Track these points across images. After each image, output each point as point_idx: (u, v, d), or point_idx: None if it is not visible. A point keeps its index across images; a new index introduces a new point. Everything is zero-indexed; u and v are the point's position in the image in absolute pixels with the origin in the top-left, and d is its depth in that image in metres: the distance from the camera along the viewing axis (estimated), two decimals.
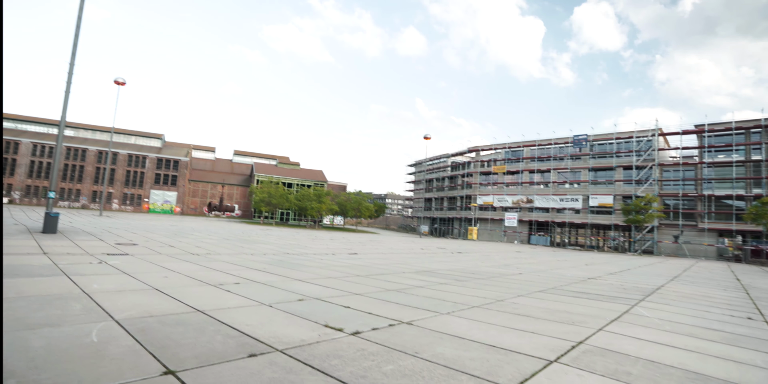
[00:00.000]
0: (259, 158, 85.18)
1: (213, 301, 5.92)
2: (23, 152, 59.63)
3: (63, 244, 12.34)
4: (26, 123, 65.09)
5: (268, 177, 68.50)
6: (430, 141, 63.44)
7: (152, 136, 72.05)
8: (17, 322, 4.19)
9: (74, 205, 61.05)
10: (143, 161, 66.14)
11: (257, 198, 55.53)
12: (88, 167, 62.54)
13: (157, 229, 24.55)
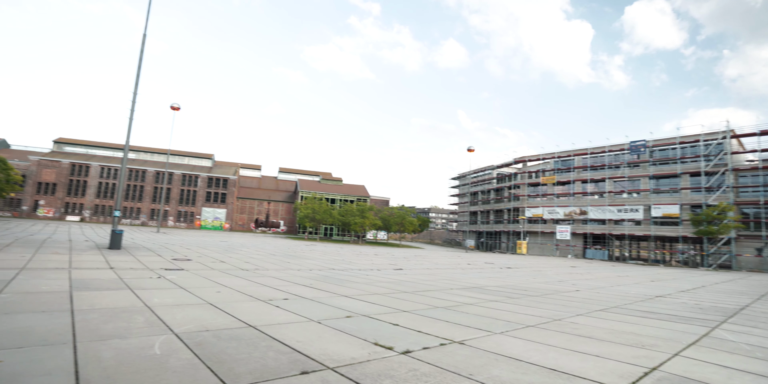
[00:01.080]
0: (303, 175, 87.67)
1: (264, 317, 6.01)
2: (93, 175, 65.07)
3: (126, 259, 13.15)
4: (95, 148, 71.20)
5: (311, 193, 70.20)
6: (474, 153, 62.33)
7: (203, 156, 76.37)
8: (91, 333, 4.44)
9: (135, 222, 65.48)
10: (195, 180, 70.07)
11: (302, 214, 56.87)
12: (147, 187, 67.13)
13: (209, 245, 25.67)
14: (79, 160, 65.21)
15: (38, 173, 62.84)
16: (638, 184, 49.08)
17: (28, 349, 3.81)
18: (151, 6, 16.71)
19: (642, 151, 48.51)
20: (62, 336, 4.31)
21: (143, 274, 9.85)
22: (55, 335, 4.33)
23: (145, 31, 16.49)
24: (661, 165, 47.49)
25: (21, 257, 11.49)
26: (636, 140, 48.91)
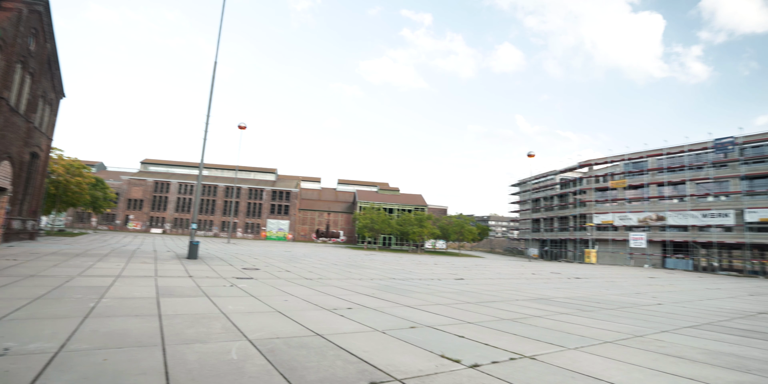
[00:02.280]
0: (361, 186, 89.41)
1: (330, 326, 6.15)
2: (172, 191, 71.24)
3: (202, 268, 14.15)
4: (175, 167, 78.05)
5: (369, 203, 71.27)
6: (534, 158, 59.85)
7: (267, 171, 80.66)
8: (176, 337, 4.82)
9: (208, 234, 70.43)
10: (261, 194, 74.09)
11: (360, 224, 57.84)
12: (218, 201, 72.13)
13: (274, 254, 26.88)
14: (161, 179, 71.78)
15: (128, 191, 69.97)
16: (726, 186, 44.04)
17: (127, 350, 4.22)
18: (221, 36, 18.17)
19: (730, 149, 43.58)
20: (153, 339, 4.71)
21: (217, 283, 10.52)
22: (147, 337, 4.74)
23: (215, 59, 17.97)
24: (755, 164, 42.23)
25: (116, 266, 12.80)
26: (722, 137, 44.09)
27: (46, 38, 22.29)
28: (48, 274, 9.89)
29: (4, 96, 17.95)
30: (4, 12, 17.14)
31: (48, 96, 24.60)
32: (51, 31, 22.53)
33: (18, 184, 21.29)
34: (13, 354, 3.87)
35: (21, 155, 21.12)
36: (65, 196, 36.29)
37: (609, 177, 56.44)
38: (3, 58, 17.81)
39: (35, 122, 22.55)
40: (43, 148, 24.96)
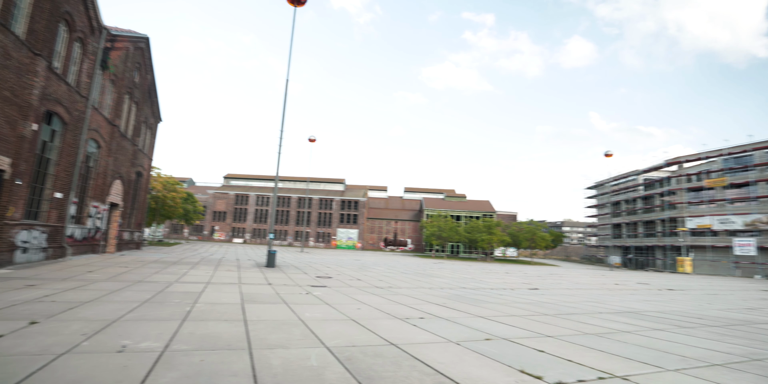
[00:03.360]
0: (427, 193, 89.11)
1: (403, 335, 6.18)
2: (251, 203, 76.53)
3: (280, 276, 14.97)
4: (253, 180, 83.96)
5: (436, 211, 70.68)
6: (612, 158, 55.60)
7: (336, 181, 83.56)
8: (261, 342, 5.16)
9: (283, 243, 74.40)
10: (330, 204, 76.83)
11: (428, 232, 57.51)
12: (291, 212, 76.06)
13: (345, 263, 27.63)
14: (241, 192, 77.45)
15: (214, 204, 76.39)
16: None
17: (219, 352, 4.60)
18: (291, 56, 19.39)
19: None
20: (240, 343, 5.09)
21: (294, 290, 11.06)
22: (236, 341, 5.13)
23: (287, 77, 19.24)
24: None
25: (206, 273, 14.01)
26: None
27: (147, 70, 25.36)
28: (152, 280, 11.10)
29: (117, 124, 20.67)
30: (116, 51, 19.84)
31: (149, 121, 27.88)
32: (151, 64, 25.60)
33: (127, 200, 24.27)
34: (128, 351, 4.41)
35: (129, 175, 24.09)
36: (163, 209, 40.59)
37: (704, 175, 50.52)
38: (115, 90, 20.57)
39: (139, 145, 25.64)
40: (146, 168, 28.24)
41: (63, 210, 15.87)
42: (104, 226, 20.98)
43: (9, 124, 11.75)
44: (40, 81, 12.92)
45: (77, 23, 15.70)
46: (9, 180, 11.86)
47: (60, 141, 15.51)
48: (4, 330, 4.97)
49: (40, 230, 14.22)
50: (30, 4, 12.47)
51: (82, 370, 3.76)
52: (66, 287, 8.85)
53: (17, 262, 12.81)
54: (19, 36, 11.86)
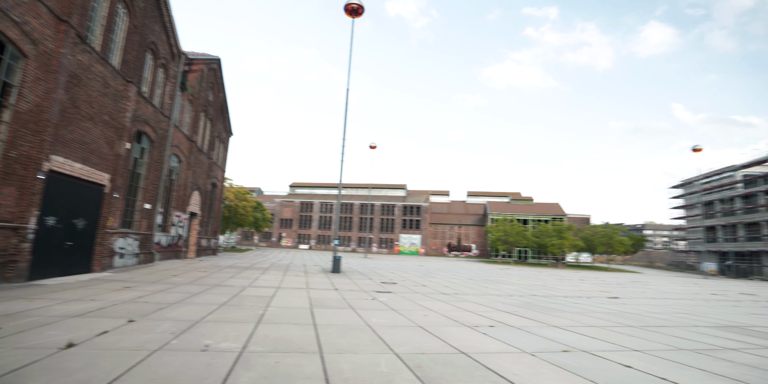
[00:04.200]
0: (491, 197, 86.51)
1: (473, 344, 5.96)
2: (315, 210, 79.37)
3: (345, 282, 15.25)
4: (317, 188, 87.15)
5: (501, 215, 68.32)
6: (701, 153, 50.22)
7: (397, 187, 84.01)
8: (331, 346, 5.24)
9: (347, 249, 76.08)
10: (392, 209, 77.33)
11: (493, 237, 55.68)
12: (354, 218, 77.65)
13: (408, 269, 27.53)
14: (306, 200, 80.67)
15: (280, 212, 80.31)
16: None
17: (292, 355, 4.73)
18: (351, 66, 19.91)
19: None
20: (312, 346, 5.20)
21: (360, 296, 11.19)
22: (307, 345, 5.26)
23: (347, 86, 19.75)
24: None
25: (276, 278, 14.67)
26: None
27: (219, 89, 27.45)
28: (228, 284, 11.83)
29: (194, 140, 22.55)
30: (192, 73, 21.72)
31: (221, 136, 30.08)
32: (222, 82, 27.68)
33: (204, 209, 26.29)
34: (211, 350, 4.69)
35: (205, 186, 26.10)
36: (235, 218, 43.40)
37: None
38: (192, 109, 22.48)
39: (214, 158, 27.72)
40: (219, 179, 30.44)
41: (151, 219, 17.54)
42: (185, 234, 22.85)
43: (108, 144, 13.26)
44: (132, 105, 14.46)
45: (161, 51, 17.41)
46: (108, 194, 13.35)
47: (148, 157, 17.21)
48: (109, 326, 5.53)
49: (133, 238, 15.82)
50: (123, 38, 14.04)
51: (173, 366, 4.05)
52: (155, 289, 9.70)
53: (115, 266, 14.33)
54: (115, 66, 13.39)
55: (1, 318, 5.73)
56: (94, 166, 12.50)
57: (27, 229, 9.52)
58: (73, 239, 11.72)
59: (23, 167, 9.51)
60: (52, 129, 10.17)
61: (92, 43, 12.20)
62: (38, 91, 9.80)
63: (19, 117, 9.26)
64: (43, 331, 5.11)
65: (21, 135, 9.37)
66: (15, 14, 8.83)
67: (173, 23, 17.88)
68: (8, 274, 9.11)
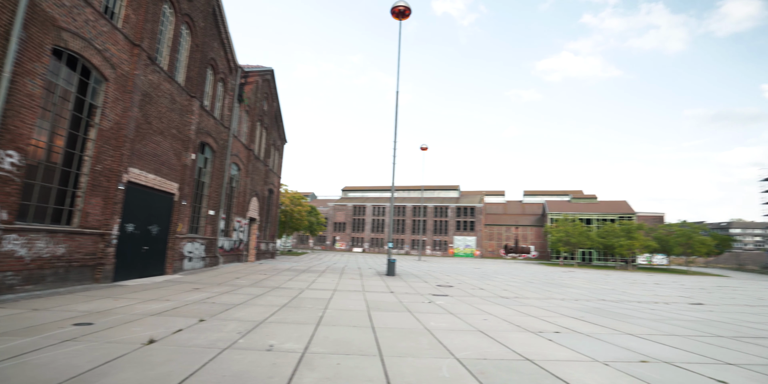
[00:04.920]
0: (550, 196, 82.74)
1: (538, 350, 5.65)
2: (368, 213, 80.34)
3: (401, 284, 15.21)
4: (369, 191, 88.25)
5: (562, 214, 65.05)
6: None
7: (450, 188, 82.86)
8: (390, 349, 5.20)
9: (400, 252, 76.14)
10: (445, 211, 76.35)
11: (553, 238, 53.11)
12: (407, 220, 77.60)
13: (464, 271, 26.95)
14: (358, 203, 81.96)
15: (334, 215, 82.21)
16: None
17: (352, 357, 4.75)
18: (400, 68, 19.97)
19: None
20: (371, 349, 5.19)
21: (416, 299, 11.08)
22: (367, 347, 5.26)
23: (397, 88, 19.81)
24: None
25: (332, 281, 14.96)
26: None
27: (273, 98, 28.70)
28: (287, 287, 12.23)
29: (252, 148, 23.72)
30: (248, 85, 22.90)
31: (276, 143, 31.39)
32: (275, 92, 28.92)
33: (262, 214, 27.51)
34: (275, 350, 4.83)
35: (263, 192, 27.32)
36: (291, 222, 45.03)
37: None
38: (249, 119, 23.68)
39: (270, 165, 28.97)
40: (276, 185, 31.73)
41: (215, 225, 18.62)
42: (246, 238, 24.02)
43: (176, 155, 14.28)
44: (196, 118, 15.48)
45: (219, 66, 18.52)
46: (177, 201, 14.35)
47: (211, 166, 18.32)
48: (183, 325, 5.90)
49: (199, 242, 16.87)
50: (186, 57, 15.10)
51: (241, 364, 4.22)
52: (221, 291, 10.24)
53: (185, 269, 15.35)
54: (180, 83, 14.42)
55: (93, 315, 6.31)
56: (164, 176, 13.50)
57: (111, 235, 10.46)
58: (149, 244, 12.71)
59: (107, 179, 10.48)
60: (129, 144, 11.12)
61: (160, 63, 13.23)
62: (117, 110, 10.76)
63: (102, 134, 10.22)
64: (128, 328, 5.55)
65: (104, 150, 10.34)
66: (97, 43, 9.78)
67: (230, 39, 18.96)
68: (97, 276, 10.05)
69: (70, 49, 9.00)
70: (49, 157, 8.90)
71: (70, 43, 8.92)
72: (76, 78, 9.52)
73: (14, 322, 5.60)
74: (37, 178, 8.57)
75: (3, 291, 7.50)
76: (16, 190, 7.72)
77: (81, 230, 9.52)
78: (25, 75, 7.79)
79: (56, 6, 8.44)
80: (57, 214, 9.22)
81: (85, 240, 9.70)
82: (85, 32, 9.32)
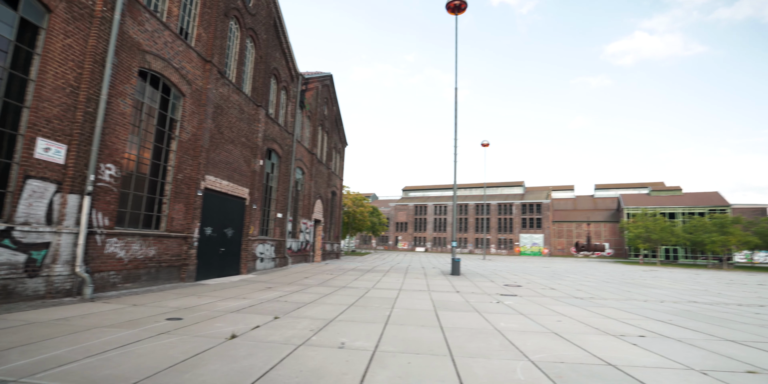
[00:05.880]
0: (626, 189, 76.74)
1: (623, 355, 5.23)
2: (429, 213, 79.93)
3: (466, 284, 14.91)
4: (429, 190, 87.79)
5: (640, 209, 59.99)
6: None
7: (514, 184, 79.94)
8: (460, 350, 5.11)
9: (463, 251, 74.76)
10: (510, 208, 73.77)
11: (631, 234, 49.14)
12: (470, 219, 76.07)
13: (533, 271, 25.81)
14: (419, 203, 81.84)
15: (395, 216, 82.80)
16: None
17: (423, 356, 4.73)
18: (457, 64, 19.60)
19: None
20: (441, 349, 5.14)
21: (483, 299, 10.80)
22: (437, 347, 5.21)
23: (455, 85, 19.51)
24: None
25: (397, 281, 15.06)
26: None
27: (332, 103, 29.56)
28: (353, 286, 12.51)
29: (314, 152, 24.61)
30: (309, 91, 23.79)
31: (337, 146, 32.28)
32: (335, 97, 29.75)
33: (326, 216, 28.42)
34: (347, 348, 4.95)
35: (326, 194, 28.22)
36: (353, 223, 46.04)
37: None
38: (311, 124, 24.60)
39: (332, 168, 29.86)
40: (338, 187, 32.62)
41: (283, 227, 19.55)
42: (311, 239, 24.94)
43: (246, 162, 15.20)
44: (262, 126, 16.37)
45: (282, 75, 19.44)
46: (248, 205, 15.27)
47: (277, 171, 19.27)
48: (260, 322, 6.26)
49: (269, 244, 17.81)
50: (251, 68, 16.02)
51: (316, 360, 4.37)
52: (291, 290, 10.71)
53: (257, 269, 16.29)
54: (247, 94, 15.34)
55: (182, 311, 6.90)
56: (236, 182, 14.43)
57: (193, 238, 11.39)
58: (225, 246, 13.65)
59: (187, 187, 11.42)
60: (205, 153, 12.03)
61: (229, 76, 14.16)
62: (193, 122, 11.70)
63: (181, 145, 11.16)
64: (212, 323, 5.99)
65: (184, 160, 11.28)
66: (175, 62, 10.70)
67: (291, 49, 19.82)
68: (183, 275, 10.98)
69: (153, 70, 9.93)
70: (139, 169, 9.89)
71: (153, 64, 9.85)
72: (158, 95, 10.49)
73: (119, 315, 6.28)
74: (130, 187, 9.56)
75: (107, 288, 8.46)
76: (115, 198, 8.67)
77: (168, 234, 10.46)
78: (118, 96, 8.72)
79: (140, 32, 9.36)
80: (147, 219, 10.22)
81: (172, 242, 10.64)
82: (164, 53, 10.24)
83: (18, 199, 6.78)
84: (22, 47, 7.04)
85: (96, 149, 7.99)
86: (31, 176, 6.99)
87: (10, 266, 6.62)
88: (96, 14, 8.10)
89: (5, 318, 5.70)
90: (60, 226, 7.44)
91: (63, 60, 7.51)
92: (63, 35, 7.50)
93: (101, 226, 8.31)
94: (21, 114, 6.99)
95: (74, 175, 7.65)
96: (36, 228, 7.03)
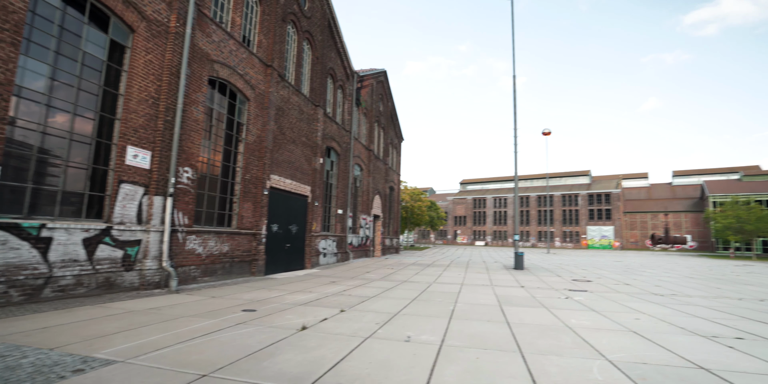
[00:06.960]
0: (711, 175, 69.41)
1: (715, 358, 4.77)
2: (488, 206, 77.91)
3: (531, 279, 14.37)
4: (488, 183, 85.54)
5: (730, 196, 53.99)
6: None
7: (580, 174, 75.41)
8: (530, 346, 4.95)
9: (526, 244, 72.04)
10: (575, 199, 69.77)
11: (719, 225, 44.40)
12: (532, 211, 73.06)
13: (603, 265, 24.26)
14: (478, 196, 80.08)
15: (453, 209, 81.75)
16: None
17: (491, 352, 4.64)
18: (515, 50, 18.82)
19: None
20: (509, 345, 5.01)
21: (550, 294, 10.35)
22: (504, 343, 5.09)
23: (513, 72, 18.79)
24: None
25: (458, 275, 14.88)
26: None
27: (387, 99, 29.71)
28: (414, 281, 12.56)
29: (371, 148, 24.93)
30: (364, 88, 24.10)
31: (393, 142, 32.43)
32: (389, 92, 29.87)
33: (385, 211, 28.73)
34: (413, 342, 4.99)
35: (384, 190, 28.51)
36: (412, 217, 46.08)
37: None
38: (367, 121, 24.92)
39: (389, 163, 30.08)
40: (396, 182, 32.81)
41: (343, 223, 20.06)
42: (371, 234, 25.35)
43: (307, 161, 15.77)
44: (321, 125, 16.86)
45: (338, 74, 19.86)
46: (310, 203, 15.85)
47: (336, 169, 19.78)
48: (327, 314, 6.50)
49: (331, 239, 18.37)
50: (309, 70, 16.54)
51: (383, 352, 4.47)
52: (354, 284, 10.98)
53: (320, 264, 16.88)
54: (305, 95, 15.87)
55: (255, 303, 7.36)
56: (298, 180, 15.03)
57: (261, 235, 12.06)
58: (290, 241, 14.30)
59: (254, 186, 12.10)
60: (269, 154, 12.65)
61: (288, 78, 14.73)
62: (258, 125, 12.34)
63: (248, 147, 11.83)
64: (284, 315, 6.33)
65: (250, 161, 11.95)
66: (239, 68, 11.34)
67: (345, 48, 20.18)
68: (253, 270, 11.69)
69: (221, 77, 10.61)
70: (211, 170, 10.64)
71: (220, 72, 10.51)
72: (225, 101, 11.19)
73: (201, 306, 6.84)
74: (204, 188, 10.32)
75: (189, 281, 9.23)
76: (192, 199, 9.41)
77: (238, 231, 11.18)
78: (191, 104, 9.43)
79: (209, 43, 10.02)
80: (220, 218, 10.98)
81: (242, 239, 11.36)
82: (230, 61, 10.89)
83: (114, 201, 7.60)
84: (113, 66, 7.84)
85: (175, 154, 8.72)
86: (124, 181, 7.79)
87: (111, 261, 7.45)
88: (171, 30, 8.80)
89: (110, 306, 6.44)
90: (148, 225, 8.24)
91: (145, 74, 8.26)
92: (144, 52, 8.25)
93: (182, 225, 9.08)
94: (114, 125, 7.81)
95: (158, 178, 8.41)
96: (129, 227, 7.84)
